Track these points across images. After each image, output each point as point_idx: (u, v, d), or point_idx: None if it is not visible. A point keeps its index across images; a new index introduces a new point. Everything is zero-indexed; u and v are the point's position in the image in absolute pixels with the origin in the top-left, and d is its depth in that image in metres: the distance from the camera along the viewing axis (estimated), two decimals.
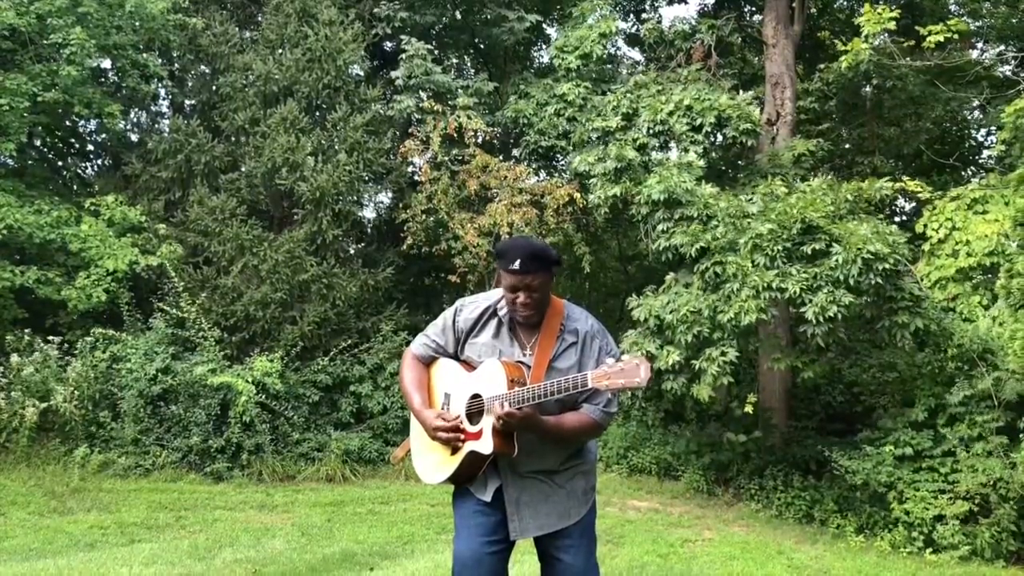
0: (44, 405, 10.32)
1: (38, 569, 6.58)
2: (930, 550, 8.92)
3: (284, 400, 11.30)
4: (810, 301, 9.14)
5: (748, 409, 10.37)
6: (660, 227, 10.91)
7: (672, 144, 12.92)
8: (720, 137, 12.30)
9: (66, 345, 11.08)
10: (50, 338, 10.93)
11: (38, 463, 10.29)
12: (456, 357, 3.18)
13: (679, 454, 12.40)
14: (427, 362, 3.25)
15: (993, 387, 9.25)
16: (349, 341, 12.12)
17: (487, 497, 3.02)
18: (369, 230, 14.10)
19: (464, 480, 3.06)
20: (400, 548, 8.20)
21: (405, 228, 13.07)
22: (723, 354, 9.71)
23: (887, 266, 8.97)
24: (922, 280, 11.14)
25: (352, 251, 12.84)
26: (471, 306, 3.20)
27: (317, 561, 7.30)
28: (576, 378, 2.78)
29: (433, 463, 3.09)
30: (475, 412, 3.00)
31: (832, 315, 8.99)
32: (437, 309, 15.25)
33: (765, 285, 9.30)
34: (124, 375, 10.93)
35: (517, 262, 2.94)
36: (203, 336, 11.15)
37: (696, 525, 10.12)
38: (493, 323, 3.11)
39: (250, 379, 10.83)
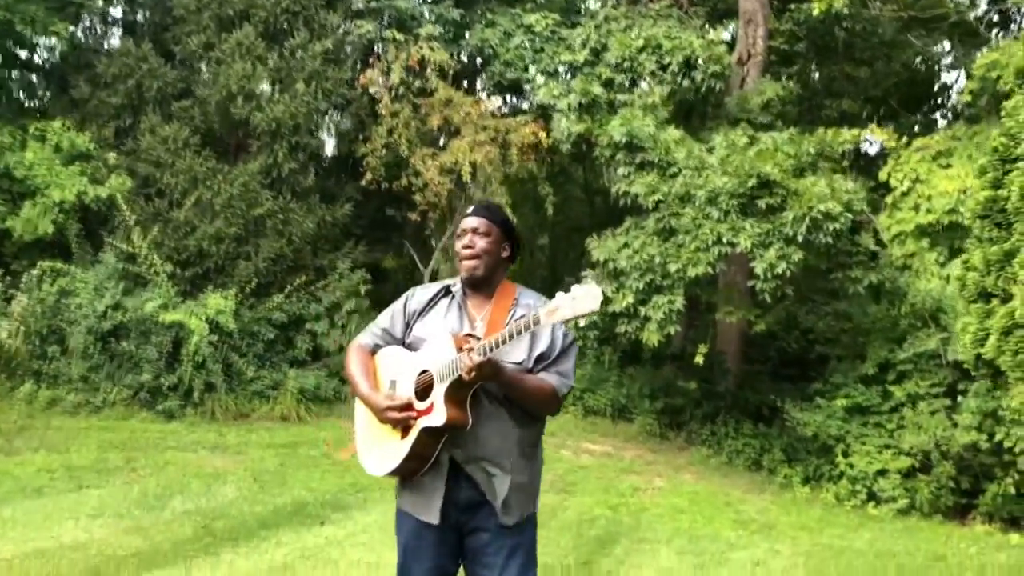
0: None
1: None
2: (872, 503, 9.16)
3: (238, 338, 11.15)
4: (761, 257, 9.15)
5: (699, 360, 10.44)
6: (621, 171, 10.83)
7: (639, 82, 12.70)
8: (688, 81, 12.05)
9: (9, 278, 10.76)
10: None
11: None
12: (402, 343, 3.05)
13: (633, 396, 12.53)
14: (372, 351, 3.11)
15: (941, 347, 9.39)
16: (305, 278, 11.93)
17: (434, 519, 2.85)
18: (327, 164, 13.76)
19: (414, 468, 2.85)
20: (352, 498, 8.21)
21: (364, 163, 12.78)
22: (671, 302, 9.74)
23: (837, 226, 8.97)
24: (883, 232, 11.20)
25: (309, 182, 12.53)
26: (424, 289, 3.11)
27: (268, 514, 7.29)
28: (528, 318, 2.62)
29: (383, 451, 2.92)
30: (424, 388, 2.85)
31: (781, 272, 9.02)
32: (398, 245, 15.11)
33: (715, 238, 9.30)
34: (73, 310, 10.68)
35: (470, 209, 3.01)
36: (155, 271, 10.91)
37: (647, 471, 10.28)
38: (444, 301, 3.01)
39: (203, 316, 10.64)
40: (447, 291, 3.03)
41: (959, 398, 9.08)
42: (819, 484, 9.83)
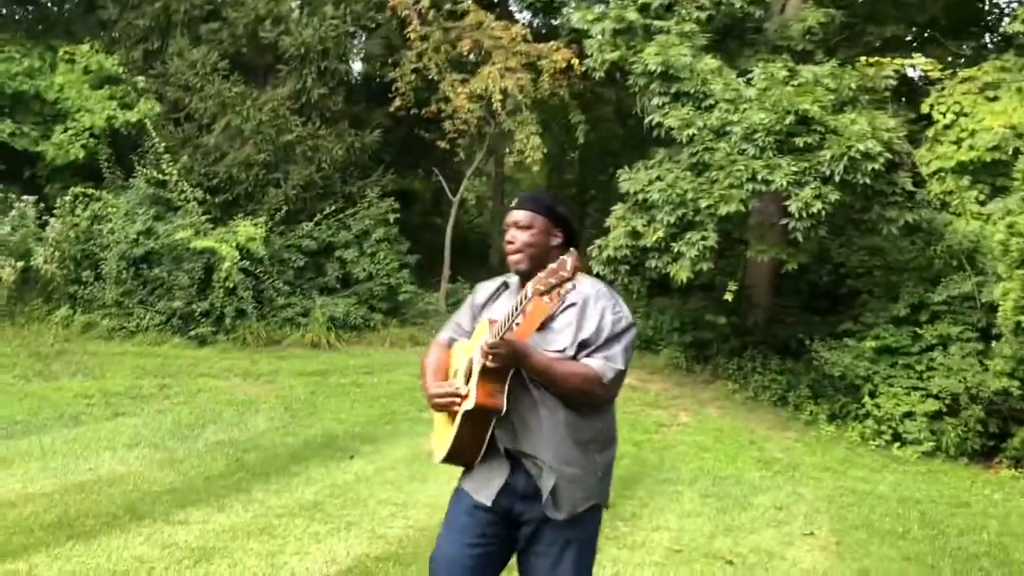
0: (22, 265, 10.23)
1: (22, 450, 6.69)
2: (897, 444, 9.15)
3: (269, 265, 11.22)
4: (796, 195, 8.98)
5: (728, 297, 10.34)
6: (655, 101, 10.59)
7: (676, 8, 12.29)
8: (727, 5, 11.64)
9: (43, 204, 10.85)
10: (24, 197, 10.69)
11: (21, 322, 10.32)
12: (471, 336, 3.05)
13: (661, 328, 12.52)
14: (448, 345, 3.05)
15: (976, 290, 9.24)
16: (335, 206, 11.93)
17: (486, 500, 2.78)
18: (356, 87, 13.55)
19: (467, 456, 2.83)
20: (382, 429, 8.36)
21: (394, 88, 12.59)
22: (704, 239, 9.62)
23: (876, 166, 8.74)
24: (922, 167, 10.93)
25: (339, 108, 12.39)
26: (488, 283, 3.06)
27: (298, 446, 7.44)
28: (520, 298, 2.55)
29: (441, 438, 2.90)
30: (469, 374, 2.82)
31: (816, 211, 8.85)
32: (427, 169, 15.01)
33: (750, 176, 9.12)
34: (105, 235, 10.79)
35: (514, 201, 2.88)
36: (185, 198, 10.94)
37: (672, 406, 10.34)
38: (505, 292, 2.97)
39: (234, 243, 10.71)
40: (506, 284, 2.97)
41: (993, 343, 8.96)
42: (844, 422, 9.82)
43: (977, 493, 7.88)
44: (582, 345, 2.71)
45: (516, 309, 2.57)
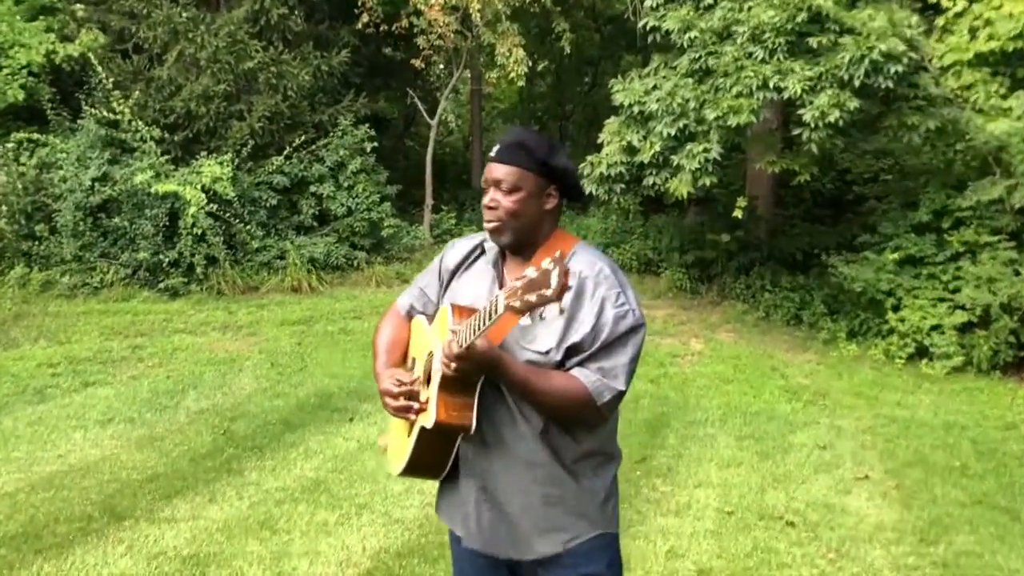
0: None
1: None
2: (925, 360, 8.64)
3: (238, 206, 10.35)
4: (811, 103, 8.21)
5: (738, 214, 9.66)
6: (649, 2, 9.72)
7: None
8: None
9: None
10: None
11: None
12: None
13: (661, 249, 11.86)
14: (410, 316, 2.40)
15: (1006, 193, 8.61)
16: (305, 137, 11.00)
17: (465, 537, 2.24)
18: (318, 5, 12.39)
19: (431, 471, 2.24)
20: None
21: (359, 3, 11.54)
22: (706, 151, 8.88)
23: (900, 68, 7.96)
24: (933, 61, 10.18)
25: (301, 28, 11.34)
26: (464, 242, 2.36)
27: (290, 409, 6.78)
28: (491, 303, 1.92)
29: (396, 445, 2.32)
30: (430, 375, 2.19)
31: (833, 120, 8.10)
32: (400, 91, 14.01)
33: (760, 83, 8.33)
34: (57, 184, 9.86)
35: (494, 149, 2.18)
36: (141, 138, 9.98)
37: (682, 333, 9.75)
38: (481, 259, 2.31)
39: (199, 185, 9.82)
40: (482, 249, 2.29)
41: None
42: (866, 339, 9.28)
43: (1020, 411, 7.40)
44: (572, 350, 2.08)
45: (485, 317, 1.91)
